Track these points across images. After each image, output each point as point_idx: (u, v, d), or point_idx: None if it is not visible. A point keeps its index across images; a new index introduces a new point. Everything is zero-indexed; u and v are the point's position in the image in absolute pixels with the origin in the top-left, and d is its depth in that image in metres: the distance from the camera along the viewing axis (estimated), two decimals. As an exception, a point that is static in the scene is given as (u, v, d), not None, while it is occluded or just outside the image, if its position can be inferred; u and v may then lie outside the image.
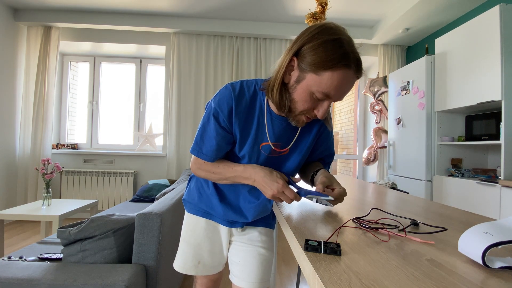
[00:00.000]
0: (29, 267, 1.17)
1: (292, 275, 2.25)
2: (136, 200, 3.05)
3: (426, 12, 2.99)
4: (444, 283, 0.38)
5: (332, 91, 0.69)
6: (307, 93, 0.71)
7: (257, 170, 0.81)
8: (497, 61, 2.06)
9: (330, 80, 0.68)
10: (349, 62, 0.67)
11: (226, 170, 0.85)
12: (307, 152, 0.91)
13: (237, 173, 0.84)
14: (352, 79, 0.69)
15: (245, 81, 0.85)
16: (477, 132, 2.46)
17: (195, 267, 0.98)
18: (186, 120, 3.69)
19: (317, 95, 0.70)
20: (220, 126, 0.82)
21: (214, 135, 0.82)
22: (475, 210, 2.19)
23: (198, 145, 0.85)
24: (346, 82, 0.68)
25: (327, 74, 0.67)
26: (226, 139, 0.84)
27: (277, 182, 0.77)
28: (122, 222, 1.31)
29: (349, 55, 0.67)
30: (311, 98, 0.72)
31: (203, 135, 0.84)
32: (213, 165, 0.86)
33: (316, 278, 0.40)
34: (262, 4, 3.26)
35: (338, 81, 0.68)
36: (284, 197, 0.77)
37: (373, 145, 3.74)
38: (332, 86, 0.68)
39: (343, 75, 0.67)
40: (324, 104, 0.73)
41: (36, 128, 3.51)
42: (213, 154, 0.84)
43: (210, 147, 0.84)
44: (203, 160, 0.87)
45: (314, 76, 0.69)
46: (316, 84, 0.69)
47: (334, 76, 0.67)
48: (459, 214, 0.80)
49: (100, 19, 3.54)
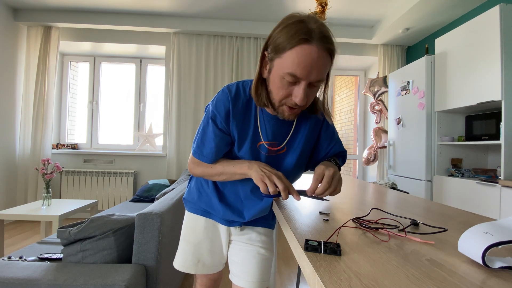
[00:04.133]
0: (29, 267, 1.16)
1: (292, 275, 2.25)
2: (136, 200, 3.05)
3: (426, 12, 2.99)
4: (444, 283, 0.38)
5: (297, 69, 0.66)
6: (278, 80, 0.71)
7: (255, 161, 0.83)
8: (497, 61, 2.06)
9: (291, 58, 0.66)
10: (309, 37, 0.65)
11: (223, 163, 0.86)
12: (305, 149, 0.89)
13: (235, 163, 0.84)
14: (316, 53, 0.65)
15: (241, 82, 0.86)
16: (477, 132, 2.46)
17: (194, 265, 0.99)
18: (186, 120, 3.69)
19: (286, 79, 0.69)
20: (218, 129, 0.83)
21: (213, 137, 0.83)
22: (475, 210, 2.19)
23: (199, 148, 0.87)
24: (310, 57, 0.65)
25: (288, 53, 0.67)
26: (225, 140, 0.85)
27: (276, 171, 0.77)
28: (122, 222, 1.31)
29: (309, 30, 0.65)
30: (282, 84, 0.71)
31: (203, 138, 0.86)
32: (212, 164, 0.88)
33: (316, 278, 0.40)
34: (262, 4, 3.26)
35: (300, 57, 0.65)
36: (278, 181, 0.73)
37: (373, 145, 3.74)
38: (295, 64, 0.66)
39: (304, 50, 0.65)
40: (299, 88, 0.69)
41: (36, 128, 3.51)
42: (213, 156, 0.86)
43: (210, 149, 0.85)
44: (202, 161, 0.88)
45: (279, 60, 0.69)
46: (282, 67, 0.69)
47: (294, 53, 0.66)
48: (459, 214, 0.80)
49: (100, 19, 3.54)
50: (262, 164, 0.80)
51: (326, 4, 2.36)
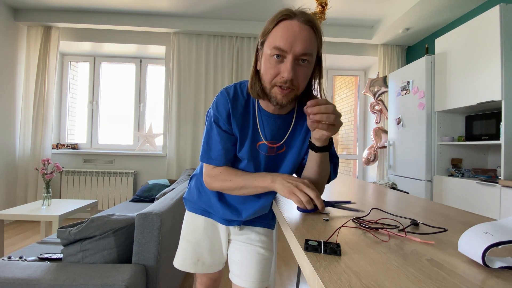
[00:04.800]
0: (29, 267, 1.16)
1: (292, 275, 2.25)
2: (136, 200, 3.05)
3: (426, 12, 2.99)
4: (444, 283, 0.38)
5: (280, 41, 0.69)
6: (267, 60, 0.74)
7: (278, 173, 0.82)
8: (497, 61, 2.06)
9: (274, 34, 0.71)
10: (290, 13, 0.70)
11: (242, 176, 0.83)
12: (304, 147, 0.88)
13: (255, 176, 0.82)
14: (298, 26, 0.69)
15: (238, 83, 0.87)
16: (477, 132, 2.46)
17: (194, 264, 0.99)
18: (186, 120, 3.69)
19: (273, 54, 0.71)
20: (222, 130, 0.83)
21: (219, 140, 0.83)
22: (475, 210, 2.19)
23: (206, 153, 0.86)
24: (292, 29, 0.69)
25: (272, 31, 0.72)
26: (231, 140, 0.85)
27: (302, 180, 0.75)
28: (122, 222, 1.31)
29: (290, 10, 0.71)
30: (270, 63, 0.73)
31: (209, 142, 0.86)
32: (230, 173, 0.85)
33: (316, 278, 0.40)
34: (262, 4, 3.26)
35: (282, 31, 0.70)
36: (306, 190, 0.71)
37: (373, 145, 3.74)
38: (278, 37, 0.70)
39: (285, 24, 0.70)
40: (286, 62, 0.71)
41: (36, 128, 3.51)
42: (222, 158, 0.85)
43: (218, 152, 0.84)
44: (213, 165, 0.86)
45: (266, 42, 0.73)
46: (268, 46, 0.72)
47: (278, 29, 0.71)
48: (459, 214, 0.80)
49: (100, 19, 3.54)
50: (285, 176, 0.78)
51: (326, 4, 2.36)
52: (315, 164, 0.80)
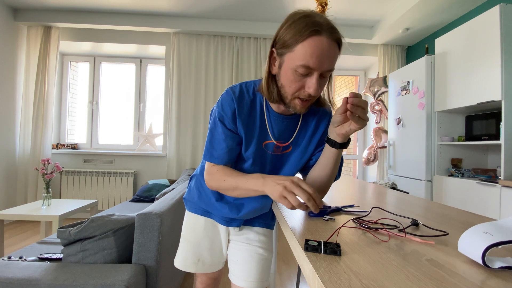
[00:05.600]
0: (29, 267, 1.16)
1: (292, 275, 2.25)
2: (136, 200, 3.05)
3: (426, 12, 2.99)
4: (444, 283, 0.38)
5: (309, 60, 0.68)
6: (290, 73, 0.72)
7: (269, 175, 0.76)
8: (497, 61, 2.06)
9: (303, 50, 0.68)
10: (318, 28, 0.67)
11: (236, 177, 0.81)
12: (310, 147, 0.89)
13: (247, 178, 0.78)
14: (327, 43, 0.68)
15: (244, 83, 0.86)
16: (477, 132, 2.46)
17: (194, 264, 1.00)
18: (186, 120, 3.69)
19: (299, 71, 0.70)
20: (227, 129, 0.83)
21: (223, 138, 0.83)
22: (475, 210, 2.19)
23: (209, 151, 0.86)
24: (321, 47, 0.68)
25: (300, 46, 0.69)
26: (235, 139, 0.84)
27: (290, 178, 0.68)
28: (122, 222, 1.31)
29: (317, 22, 0.68)
30: (294, 77, 0.72)
31: (212, 140, 0.85)
32: (225, 173, 0.83)
33: (316, 278, 0.40)
34: (262, 4, 3.26)
35: (311, 48, 0.68)
36: (299, 190, 0.64)
37: (373, 145, 3.74)
38: (308, 55, 0.68)
39: (315, 41, 0.68)
40: (312, 79, 0.71)
41: (36, 128, 3.51)
42: (225, 157, 0.84)
43: (221, 150, 0.84)
44: (214, 163, 0.85)
45: (291, 54, 0.71)
46: (294, 60, 0.70)
47: (306, 45, 0.68)
48: (459, 214, 0.80)
49: (100, 19, 3.54)
50: (277, 177, 0.72)
51: (326, 4, 2.36)
52: (331, 162, 0.80)
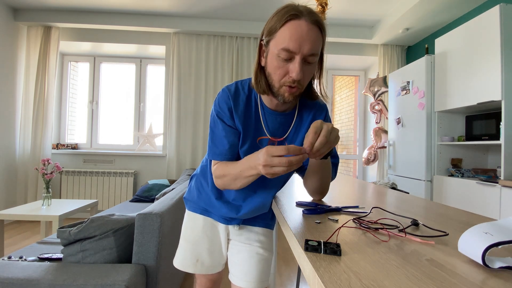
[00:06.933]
0: (29, 267, 1.16)
1: (292, 275, 2.25)
2: (136, 200, 3.05)
3: (426, 12, 2.99)
4: (444, 283, 0.38)
5: (289, 43, 0.69)
6: (274, 59, 0.73)
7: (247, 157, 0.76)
8: (497, 61, 2.06)
9: (283, 34, 0.70)
10: (297, 12, 0.69)
11: (234, 165, 0.80)
12: None
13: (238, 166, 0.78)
14: (306, 26, 0.69)
15: (240, 81, 0.88)
16: (477, 132, 2.46)
17: (193, 265, 1.00)
18: (186, 120, 3.69)
19: (281, 56, 0.71)
20: (227, 125, 0.84)
21: (224, 134, 0.84)
22: (475, 210, 2.19)
23: (211, 149, 0.87)
24: (300, 30, 0.69)
25: (280, 30, 0.71)
26: (236, 135, 0.85)
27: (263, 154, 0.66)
28: (122, 222, 1.31)
29: (297, 9, 0.70)
30: (278, 63, 0.73)
31: (213, 138, 0.86)
32: (223, 168, 0.82)
33: (316, 278, 0.40)
34: (262, 4, 3.26)
35: (290, 31, 0.69)
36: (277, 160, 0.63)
37: (373, 145, 3.74)
38: (287, 38, 0.69)
39: (293, 25, 0.69)
40: (294, 63, 0.71)
41: (36, 128, 3.51)
42: (228, 153, 0.84)
43: (223, 147, 0.84)
44: (218, 160, 0.85)
45: (273, 41, 0.73)
46: (276, 45, 0.72)
47: (286, 29, 0.70)
48: (459, 214, 0.80)
49: (100, 19, 3.54)
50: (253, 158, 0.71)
51: (326, 4, 2.36)
52: (320, 169, 0.82)
